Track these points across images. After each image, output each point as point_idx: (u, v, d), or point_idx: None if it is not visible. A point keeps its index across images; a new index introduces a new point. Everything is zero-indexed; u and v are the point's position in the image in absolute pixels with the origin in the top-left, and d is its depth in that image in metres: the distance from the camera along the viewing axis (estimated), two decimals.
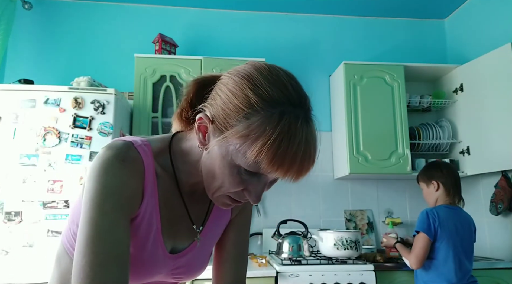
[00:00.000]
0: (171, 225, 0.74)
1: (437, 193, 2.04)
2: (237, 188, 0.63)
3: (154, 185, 0.69)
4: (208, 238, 0.81)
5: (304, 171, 0.60)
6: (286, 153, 0.56)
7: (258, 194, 0.63)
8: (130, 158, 0.65)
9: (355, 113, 2.68)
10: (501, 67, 2.41)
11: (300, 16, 3.16)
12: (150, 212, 0.69)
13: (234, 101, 0.60)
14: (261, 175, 0.62)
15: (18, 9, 2.78)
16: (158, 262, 0.73)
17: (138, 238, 0.69)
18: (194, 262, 0.79)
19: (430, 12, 3.17)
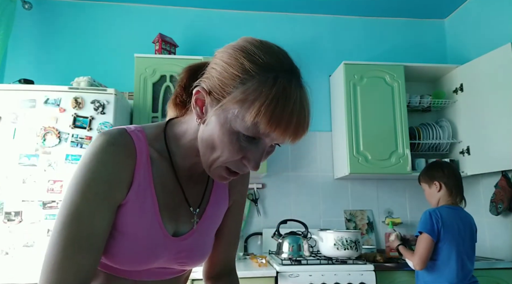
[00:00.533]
0: (170, 209, 0.75)
1: (440, 194, 2.03)
2: (236, 156, 0.65)
3: (148, 169, 0.71)
4: (208, 224, 0.82)
5: (300, 131, 0.63)
6: (282, 112, 0.59)
7: (257, 161, 0.65)
8: (121, 143, 0.68)
9: (355, 113, 2.68)
10: (501, 67, 2.41)
11: (300, 16, 3.16)
12: (143, 195, 0.70)
13: (230, 70, 0.63)
14: (259, 141, 0.64)
15: (18, 9, 2.78)
16: (159, 244, 0.73)
17: (132, 221, 0.70)
18: (196, 246, 0.79)
19: (430, 12, 3.17)
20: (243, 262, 2.44)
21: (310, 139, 2.98)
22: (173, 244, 0.75)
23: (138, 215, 0.70)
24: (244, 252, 2.68)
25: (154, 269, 0.76)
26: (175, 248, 0.76)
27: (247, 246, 2.76)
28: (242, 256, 2.59)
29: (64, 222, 0.64)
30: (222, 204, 0.85)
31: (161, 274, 0.78)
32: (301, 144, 2.96)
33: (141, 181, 0.70)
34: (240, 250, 2.59)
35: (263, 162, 0.68)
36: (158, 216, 0.72)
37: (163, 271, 0.78)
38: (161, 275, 0.78)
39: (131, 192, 0.69)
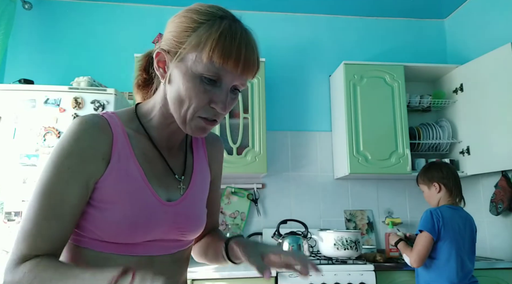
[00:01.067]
0: (158, 178, 0.79)
1: (440, 195, 2.03)
2: (203, 100, 0.71)
3: (126, 143, 0.76)
4: (197, 191, 0.86)
5: (251, 63, 0.71)
6: (231, 45, 0.68)
7: (223, 101, 0.72)
8: (94, 121, 0.73)
9: (355, 113, 2.68)
10: (501, 67, 2.41)
11: (300, 16, 3.16)
12: (126, 165, 0.74)
13: (181, 25, 0.72)
14: (220, 83, 0.71)
15: (18, 9, 2.78)
16: (157, 210, 0.76)
17: (121, 190, 0.73)
18: (190, 211, 0.83)
19: (430, 12, 3.17)
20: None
21: (310, 139, 2.98)
22: (168, 209, 0.78)
23: (125, 183, 0.73)
24: None
25: (157, 242, 0.77)
26: (171, 213, 0.78)
27: None
28: None
29: (37, 194, 0.69)
30: (205, 174, 0.91)
31: (166, 248, 0.79)
32: (301, 144, 2.96)
33: (121, 153, 0.74)
34: None
35: (229, 107, 0.74)
36: (146, 182, 0.76)
37: (167, 244, 0.79)
38: (165, 248, 0.79)
39: (112, 164, 0.73)
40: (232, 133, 2.57)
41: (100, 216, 0.72)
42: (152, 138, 0.81)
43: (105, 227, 0.72)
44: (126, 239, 0.74)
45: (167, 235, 0.79)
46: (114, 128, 0.75)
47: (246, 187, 2.85)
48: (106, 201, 0.72)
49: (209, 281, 2.05)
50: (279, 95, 3.01)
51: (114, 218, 0.72)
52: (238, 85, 0.74)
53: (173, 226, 0.79)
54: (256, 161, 2.53)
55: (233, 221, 2.79)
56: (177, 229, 0.80)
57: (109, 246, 0.74)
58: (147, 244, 0.76)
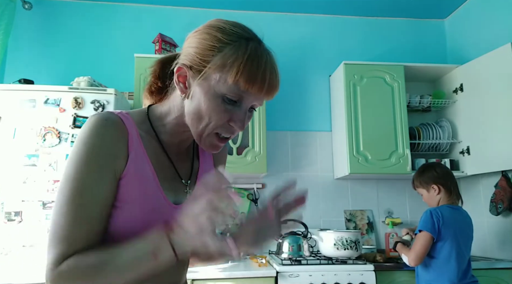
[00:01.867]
0: (167, 181, 0.80)
1: (439, 196, 2.03)
2: (223, 119, 0.72)
3: (140, 144, 0.76)
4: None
5: (273, 87, 0.73)
6: (258, 70, 0.69)
7: (242, 120, 0.73)
8: (112, 120, 0.73)
9: (355, 113, 2.68)
10: (501, 67, 2.41)
11: (300, 16, 3.16)
12: (141, 165, 0.75)
13: (206, 43, 0.72)
14: (241, 102, 0.72)
15: (18, 9, 2.78)
16: (164, 211, 0.76)
17: (136, 189, 0.73)
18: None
19: (430, 12, 3.17)
20: (243, 262, 2.44)
21: (310, 139, 2.98)
22: (176, 213, 0.77)
23: (141, 183, 0.74)
24: None
25: None
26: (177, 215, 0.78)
27: None
28: (242, 256, 2.58)
29: (70, 195, 0.68)
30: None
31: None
32: (301, 144, 2.96)
33: (137, 153, 0.75)
34: None
35: (246, 125, 0.76)
36: (159, 184, 0.77)
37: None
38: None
39: (130, 163, 0.73)
40: None
41: (114, 216, 0.72)
42: (162, 142, 0.81)
43: (118, 225, 0.72)
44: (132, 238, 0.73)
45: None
46: (129, 127, 0.75)
47: (246, 187, 2.85)
48: (122, 200, 0.72)
49: (210, 281, 2.04)
50: (279, 95, 2.98)
51: (129, 217, 0.72)
52: (256, 105, 0.76)
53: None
54: (256, 161, 2.53)
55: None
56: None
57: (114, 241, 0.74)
58: None
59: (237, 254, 0.66)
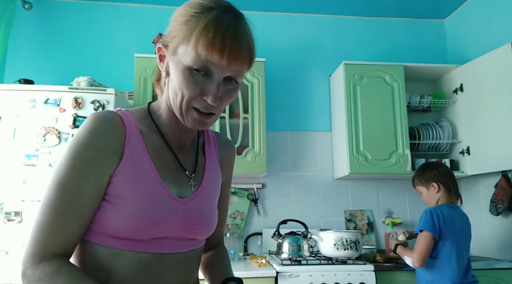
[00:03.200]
0: (170, 174, 0.80)
1: (439, 194, 2.04)
2: (194, 92, 0.71)
3: (139, 139, 0.77)
4: (209, 190, 0.87)
5: (238, 53, 0.69)
6: (216, 35, 0.67)
7: (213, 93, 0.71)
8: (108, 116, 0.75)
9: (355, 113, 2.68)
10: (501, 67, 2.41)
11: (300, 16, 3.16)
12: (138, 160, 0.75)
13: (177, 19, 0.73)
14: (212, 74, 0.70)
15: (18, 9, 2.78)
16: (168, 206, 0.76)
17: (133, 184, 0.73)
18: (202, 209, 0.83)
19: (430, 12, 3.17)
20: (243, 262, 2.44)
21: (310, 139, 2.98)
22: (179, 206, 0.78)
23: (137, 177, 0.74)
24: (244, 252, 2.68)
25: (168, 240, 0.77)
26: (183, 209, 0.78)
27: (247, 246, 2.76)
28: (242, 256, 2.59)
29: (53, 189, 0.70)
30: (217, 175, 0.91)
31: (177, 246, 0.79)
32: (301, 144, 2.96)
33: (133, 149, 0.75)
34: (240, 250, 2.59)
35: (225, 100, 0.74)
36: (158, 177, 0.76)
37: (178, 243, 0.79)
38: (177, 247, 0.79)
39: (124, 159, 0.74)
40: (232, 133, 2.57)
41: (113, 211, 0.72)
42: (164, 135, 0.82)
43: (117, 221, 0.72)
44: (136, 234, 0.73)
45: (178, 232, 0.78)
46: (127, 124, 0.76)
47: (246, 187, 2.85)
48: (119, 195, 0.73)
49: None
50: (279, 95, 3.01)
51: (125, 212, 0.72)
52: (234, 76, 0.73)
53: (184, 223, 0.79)
54: (256, 161, 2.53)
55: (233, 221, 2.79)
56: (189, 227, 0.79)
57: (119, 242, 0.73)
58: (157, 241, 0.76)
59: None
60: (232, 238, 2.57)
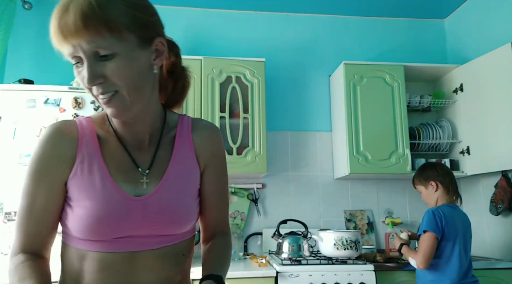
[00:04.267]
0: (125, 174, 0.81)
1: (437, 193, 2.04)
2: (82, 82, 0.74)
3: (94, 145, 0.81)
4: (173, 184, 0.84)
5: (70, 26, 0.67)
6: (52, 23, 0.70)
7: (85, 75, 0.72)
8: (61, 126, 0.82)
9: (355, 113, 2.68)
10: (501, 67, 2.41)
11: (300, 16, 3.16)
12: (90, 165, 0.79)
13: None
14: (78, 58, 0.73)
15: (18, 9, 2.78)
16: (121, 205, 0.78)
17: (86, 189, 0.78)
18: (164, 205, 0.81)
19: (430, 12, 3.17)
20: (243, 262, 2.44)
21: (310, 139, 2.98)
22: (135, 204, 0.79)
23: (89, 181, 0.78)
24: (244, 252, 2.68)
25: (134, 238, 0.78)
26: (140, 208, 0.79)
27: (247, 246, 2.76)
28: (242, 256, 2.59)
29: (20, 197, 0.80)
30: (188, 167, 0.88)
31: (147, 243, 0.79)
32: (301, 144, 2.96)
33: (86, 155, 0.80)
34: (240, 250, 2.59)
35: (112, 76, 0.72)
36: (110, 178, 0.79)
37: (147, 240, 0.79)
38: (146, 244, 0.79)
39: (76, 165, 0.79)
40: (232, 133, 2.57)
41: (72, 214, 0.78)
42: (120, 137, 0.84)
43: (76, 224, 0.76)
44: (95, 235, 0.76)
45: (141, 230, 0.78)
46: (82, 131, 0.81)
47: (246, 187, 2.85)
48: (75, 199, 0.78)
49: None
50: (279, 95, 3.01)
51: (81, 215, 0.76)
52: (97, 50, 0.70)
53: (144, 220, 0.78)
54: (256, 161, 2.53)
55: (233, 221, 2.79)
56: (150, 224, 0.79)
57: (85, 243, 0.77)
58: (121, 240, 0.77)
59: None
60: (232, 238, 2.56)
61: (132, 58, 0.73)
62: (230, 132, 2.56)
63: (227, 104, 2.59)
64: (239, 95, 2.60)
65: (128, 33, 0.72)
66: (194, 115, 2.52)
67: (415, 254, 1.93)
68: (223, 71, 2.60)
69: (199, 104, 2.54)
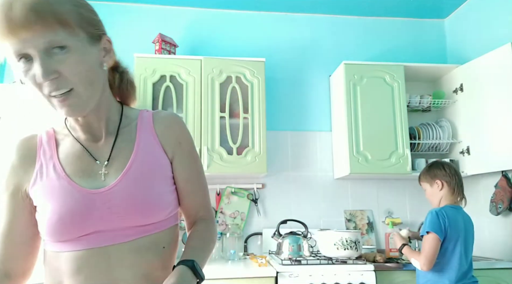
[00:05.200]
0: (83, 170, 0.83)
1: (442, 193, 2.02)
2: (32, 80, 0.69)
3: (51, 150, 0.85)
4: (138, 173, 0.83)
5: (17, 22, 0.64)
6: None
7: (38, 71, 0.68)
8: (21, 140, 0.89)
9: (355, 113, 2.68)
10: (501, 67, 2.41)
11: (300, 16, 3.16)
12: (46, 169, 0.83)
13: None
14: (27, 56, 0.68)
15: None
16: (81, 201, 0.79)
17: (46, 193, 0.81)
18: (128, 193, 0.80)
19: (430, 12, 3.17)
20: (243, 262, 2.44)
21: (310, 139, 2.98)
22: (96, 197, 0.79)
23: (46, 184, 0.81)
24: (244, 252, 2.68)
25: (103, 232, 0.78)
26: (102, 200, 0.79)
27: (247, 246, 2.76)
28: (242, 256, 2.59)
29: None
30: (154, 156, 0.87)
31: (118, 236, 0.79)
32: (301, 144, 2.96)
33: (44, 160, 0.84)
34: (240, 250, 2.59)
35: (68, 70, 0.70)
36: (66, 177, 0.81)
37: (119, 233, 0.79)
38: (118, 237, 0.79)
39: (36, 171, 0.83)
40: (232, 133, 2.57)
41: (39, 218, 0.81)
42: (76, 136, 0.87)
43: (43, 227, 0.79)
44: (62, 235, 0.77)
45: (106, 223, 0.78)
46: (40, 140, 0.87)
47: (246, 187, 2.85)
48: (38, 204, 0.81)
49: (209, 281, 2.04)
50: (279, 95, 3.01)
51: (46, 218, 0.78)
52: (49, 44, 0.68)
53: (108, 213, 0.78)
54: (256, 161, 2.53)
55: (233, 221, 2.79)
56: (114, 215, 0.78)
57: (55, 245, 0.80)
58: (89, 237, 0.78)
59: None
60: (232, 238, 2.57)
61: (84, 53, 0.73)
62: (230, 132, 2.56)
63: (227, 104, 2.59)
64: (239, 95, 2.60)
65: (78, 29, 0.72)
66: (194, 115, 2.52)
67: (418, 255, 1.92)
68: (223, 71, 2.60)
69: (199, 104, 2.54)
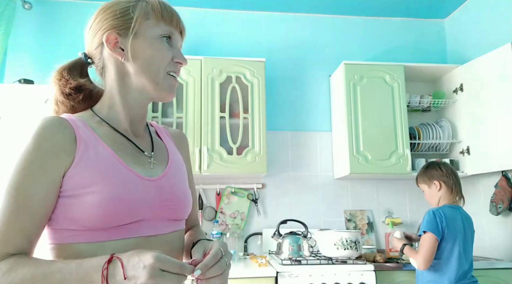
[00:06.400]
0: (130, 156, 0.82)
1: (440, 193, 2.02)
2: (169, 56, 0.82)
3: (92, 134, 0.79)
4: (176, 169, 0.89)
5: (180, 18, 0.87)
6: (166, 8, 0.84)
7: (182, 54, 0.85)
8: (53, 120, 0.76)
9: (355, 113, 2.68)
10: (501, 67, 2.41)
11: (300, 16, 3.16)
12: (95, 151, 0.76)
13: (117, 12, 0.82)
14: (172, 39, 0.84)
15: (18, 9, 2.78)
16: (137, 185, 0.77)
17: (95, 173, 0.74)
18: (175, 184, 0.85)
19: (430, 12, 3.17)
20: (243, 262, 2.44)
21: (310, 139, 2.98)
22: (151, 185, 0.79)
23: (98, 165, 0.75)
24: (244, 252, 2.68)
25: (148, 221, 0.77)
26: (155, 189, 0.79)
27: (247, 246, 2.76)
28: (242, 256, 2.59)
29: (5, 192, 0.71)
30: (180, 157, 0.94)
31: (158, 228, 0.79)
32: (301, 144, 2.96)
33: (88, 142, 0.77)
34: (240, 250, 2.59)
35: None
36: (120, 160, 0.78)
37: (159, 224, 0.79)
38: (158, 228, 0.79)
39: (79, 153, 0.75)
40: (232, 133, 2.57)
41: (81, 203, 0.71)
42: (115, 127, 0.84)
43: (89, 212, 0.71)
44: (114, 220, 0.72)
45: (156, 212, 0.78)
46: (73, 123, 0.78)
47: (246, 187, 2.85)
48: (83, 186, 0.72)
49: None
50: (279, 95, 3.01)
51: (96, 201, 0.71)
52: (179, 42, 0.88)
53: (160, 201, 0.79)
54: (256, 161, 2.53)
55: (233, 221, 2.79)
56: (165, 205, 0.80)
57: (97, 234, 0.72)
58: (137, 224, 0.75)
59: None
60: (232, 238, 2.57)
61: None
62: (230, 132, 2.56)
63: (227, 104, 2.59)
64: (239, 95, 2.60)
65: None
66: (194, 115, 2.52)
67: (416, 255, 1.92)
68: (223, 71, 2.61)
69: (199, 104, 2.54)
